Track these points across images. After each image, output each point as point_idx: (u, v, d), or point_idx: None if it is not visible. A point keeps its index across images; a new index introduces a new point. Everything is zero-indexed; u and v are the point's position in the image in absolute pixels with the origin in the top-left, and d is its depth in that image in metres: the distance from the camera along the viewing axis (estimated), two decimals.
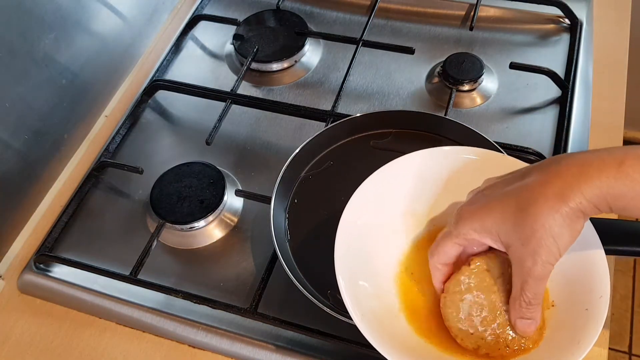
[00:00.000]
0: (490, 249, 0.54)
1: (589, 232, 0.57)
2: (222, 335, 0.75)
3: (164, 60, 1.04)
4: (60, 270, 0.82)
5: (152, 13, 1.10)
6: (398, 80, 0.98)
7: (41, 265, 0.83)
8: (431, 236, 0.64)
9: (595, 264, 0.56)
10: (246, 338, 0.74)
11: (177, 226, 0.83)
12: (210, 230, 0.83)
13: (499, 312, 0.53)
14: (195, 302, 0.75)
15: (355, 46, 0.99)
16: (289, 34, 1.04)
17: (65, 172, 0.94)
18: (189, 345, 0.76)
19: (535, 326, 0.52)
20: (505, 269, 0.54)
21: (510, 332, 0.53)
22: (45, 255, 0.83)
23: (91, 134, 0.99)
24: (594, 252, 0.56)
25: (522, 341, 0.53)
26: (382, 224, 0.65)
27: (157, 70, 1.02)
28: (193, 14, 1.11)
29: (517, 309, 0.51)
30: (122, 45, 1.04)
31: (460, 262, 0.56)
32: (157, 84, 1.00)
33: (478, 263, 0.55)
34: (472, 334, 0.54)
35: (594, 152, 0.46)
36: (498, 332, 0.53)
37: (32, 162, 0.89)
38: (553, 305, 0.57)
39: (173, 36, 1.08)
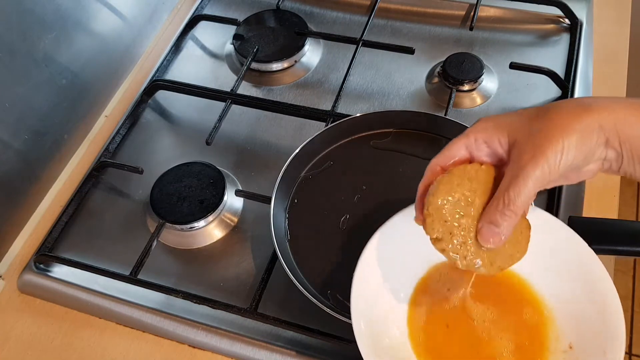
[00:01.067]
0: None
1: (601, 271, 0.56)
2: (222, 335, 0.75)
3: (164, 60, 1.04)
4: (60, 270, 0.82)
5: (152, 13, 1.10)
6: (398, 80, 0.98)
7: (41, 265, 0.83)
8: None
9: (610, 305, 0.56)
10: (246, 338, 0.74)
11: (177, 226, 0.83)
12: (210, 230, 0.83)
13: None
14: (195, 302, 0.75)
15: (355, 46, 0.99)
16: (289, 34, 1.04)
17: (65, 172, 0.94)
18: (189, 345, 0.76)
19: (499, 240, 0.48)
20: None
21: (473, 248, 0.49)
22: (45, 255, 0.83)
23: (91, 134, 0.99)
24: (608, 291, 0.56)
25: (479, 258, 0.50)
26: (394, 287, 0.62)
27: (157, 70, 1.02)
28: (193, 14, 1.11)
29: (492, 210, 0.47)
30: (122, 45, 1.04)
31: None
32: (157, 84, 1.00)
33: (488, 166, 0.50)
34: (445, 222, 0.50)
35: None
36: (467, 235, 0.49)
37: (32, 162, 0.89)
38: (571, 348, 0.55)
39: (173, 36, 1.08)
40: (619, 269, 1.80)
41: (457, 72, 0.93)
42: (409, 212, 0.58)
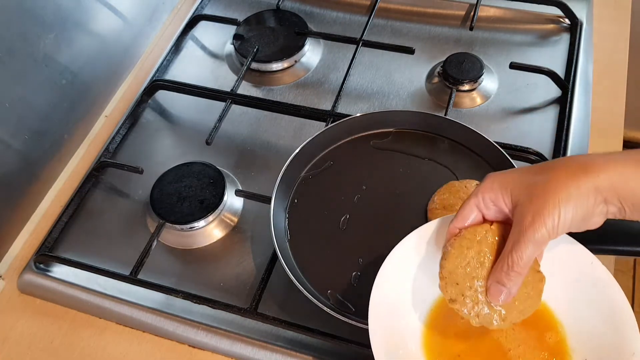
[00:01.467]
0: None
1: (614, 287, 0.57)
2: (222, 335, 0.75)
3: (164, 60, 1.04)
4: (60, 270, 0.82)
5: (152, 13, 1.10)
6: (398, 80, 0.98)
7: (41, 265, 0.83)
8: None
9: (624, 320, 0.56)
10: (246, 338, 0.74)
11: (177, 226, 0.83)
12: (210, 230, 0.83)
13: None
14: (195, 302, 0.75)
15: (355, 46, 0.99)
16: (289, 34, 1.04)
17: (65, 172, 0.94)
18: (189, 346, 0.76)
19: (507, 297, 0.51)
20: None
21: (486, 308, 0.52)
22: (45, 255, 0.83)
23: (91, 134, 0.99)
24: (622, 307, 0.57)
25: (491, 315, 0.52)
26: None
27: (157, 70, 1.02)
28: (193, 14, 1.11)
29: (498, 270, 0.50)
30: (122, 45, 1.04)
31: None
32: (157, 84, 1.00)
33: (497, 226, 0.53)
34: (457, 284, 0.53)
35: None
36: (479, 294, 0.52)
37: (32, 162, 0.89)
38: None
39: (173, 36, 1.08)
40: (619, 269, 1.80)
41: (457, 72, 0.93)
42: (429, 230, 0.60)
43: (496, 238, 0.53)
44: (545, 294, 0.54)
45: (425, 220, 0.76)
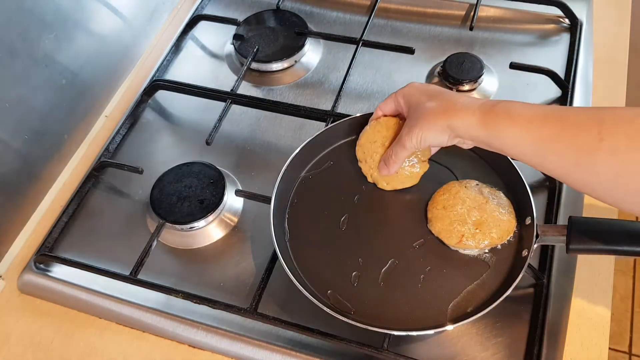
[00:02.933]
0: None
1: None
2: (222, 335, 0.75)
3: (164, 60, 1.04)
4: (60, 270, 0.82)
5: (152, 13, 1.10)
6: (398, 80, 0.98)
7: (41, 265, 0.83)
8: None
9: None
10: (246, 338, 0.74)
11: (177, 226, 0.83)
12: (210, 230, 0.83)
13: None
14: (195, 302, 0.75)
15: (355, 46, 1.00)
16: (289, 34, 1.04)
17: (65, 172, 0.94)
18: (189, 345, 0.76)
19: (387, 173, 0.76)
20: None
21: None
22: (45, 255, 0.83)
23: (91, 134, 0.99)
24: None
25: (382, 181, 0.79)
26: None
27: (157, 70, 1.03)
28: (193, 14, 1.11)
29: (385, 155, 0.75)
30: (122, 45, 1.04)
31: None
32: (157, 84, 1.00)
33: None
34: (364, 152, 0.79)
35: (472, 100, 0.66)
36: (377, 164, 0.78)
37: (32, 162, 0.89)
38: None
39: (173, 36, 1.08)
40: (619, 269, 1.80)
41: (457, 72, 0.93)
42: None
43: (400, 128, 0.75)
44: None
45: (426, 220, 0.76)
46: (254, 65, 1.01)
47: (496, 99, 0.64)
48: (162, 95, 1.01)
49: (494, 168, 0.80)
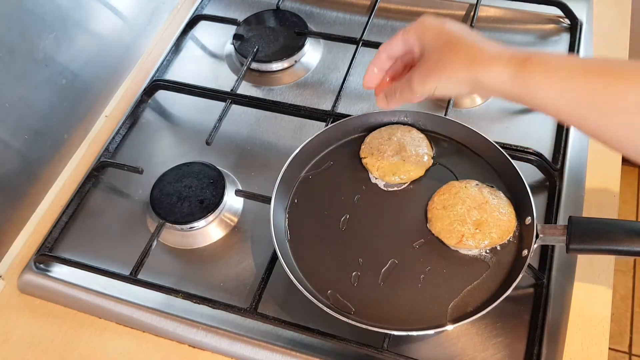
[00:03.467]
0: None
1: None
2: (222, 335, 0.75)
3: (164, 60, 1.04)
4: (60, 270, 0.83)
5: (152, 13, 1.10)
6: None
7: (41, 265, 0.83)
8: None
9: None
10: (246, 338, 0.74)
11: (177, 226, 0.83)
12: (210, 230, 0.83)
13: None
14: (195, 302, 0.75)
15: (355, 46, 0.99)
16: (289, 34, 1.04)
17: (65, 172, 0.94)
18: (189, 345, 0.76)
19: (384, 104, 0.69)
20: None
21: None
22: (45, 255, 0.83)
23: (91, 134, 0.99)
24: None
25: (385, 172, 0.80)
26: None
27: (157, 70, 1.03)
28: (193, 14, 1.11)
29: (392, 90, 0.67)
30: (122, 45, 1.04)
31: (397, 73, 0.70)
32: (157, 84, 1.00)
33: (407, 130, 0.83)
34: (370, 148, 0.82)
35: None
36: (382, 161, 0.80)
37: (32, 162, 0.89)
38: None
39: (173, 36, 1.08)
40: (619, 269, 1.80)
41: None
42: None
43: (404, 138, 0.82)
44: None
45: (426, 220, 0.76)
46: (254, 65, 1.01)
47: (527, 50, 0.57)
48: (162, 95, 1.01)
49: (494, 168, 0.80)
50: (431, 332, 0.70)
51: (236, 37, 1.04)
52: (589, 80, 0.52)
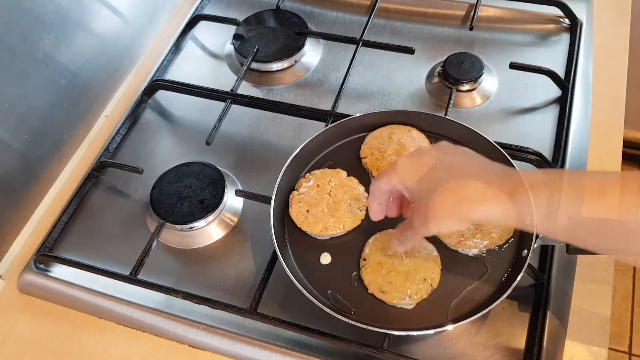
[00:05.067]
0: None
1: None
2: (222, 335, 0.75)
3: (164, 60, 1.04)
4: (60, 270, 0.82)
5: (152, 13, 1.10)
6: (398, 80, 0.98)
7: (41, 265, 0.83)
8: None
9: None
10: (246, 338, 0.74)
11: (177, 226, 0.83)
12: (210, 230, 0.83)
13: None
14: (195, 302, 0.75)
15: (355, 46, 0.99)
16: (289, 34, 1.04)
17: (65, 172, 0.94)
18: (189, 346, 0.76)
19: (402, 248, 0.70)
20: None
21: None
22: (45, 255, 0.83)
23: (91, 134, 0.99)
24: None
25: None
26: None
27: (157, 70, 1.02)
28: (193, 14, 1.11)
29: (396, 238, 0.68)
30: (122, 45, 1.04)
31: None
32: (157, 84, 1.00)
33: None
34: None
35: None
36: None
37: (32, 162, 0.89)
38: None
39: (173, 36, 1.08)
40: (618, 268, 1.80)
41: (457, 72, 0.93)
42: None
43: (404, 138, 0.82)
44: None
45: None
46: (254, 65, 1.01)
47: (507, 174, 0.61)
48: (162, 95, 1.01)
49: None
50: (431, 332, 0.70)
51: (236, 37, 1.04)
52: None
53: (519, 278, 0.67)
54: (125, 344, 0.77)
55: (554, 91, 0.92)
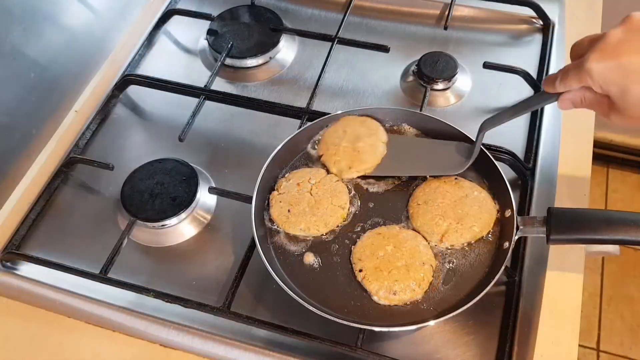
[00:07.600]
0: None
1: None
2: (195, 335, 0.74)
3: (136, 54, 1.03)
4: (27, 269, 0.81)
5: (124, 6, 1.08)
6: (373, 79, 0.98)
7: (8, 264, 0.82)
8: None
9: None
10: (219, 337, 0.73)
11: (148, 224, 0.82)
12: (182, 228, 0.83)
13: None
14: (166, 301, 0.74)
15: (330, 43, 0.99)
16: (263, 30, 1.03)
17: (34, 168, 0.92)
18: (160, 345, 0.75)
19: (552, 88, 0.64)
20: None
21: None
22: (12, 253, 0.81)
23: (60, 129, 0.97)
24: None
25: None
26: None
27: (129, 64, 1.01)
28: (166, 8, 1.09)
29: (563, 70, 0.63)
30: (93, 38, 1.02)
31: None
32: (129, 78, 0.99)
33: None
34: (326, 143, 0.83)
35: None
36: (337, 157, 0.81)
37: None
38: None
39: (145, 30, 1.07)
40: (587, 266, 1.84)
41: (432, 70, 0.93)
42: None
43: (359, 129, 0.82)
44: None
45: (407, 212, 0.77)
46: (228, 61, 1.00)
47: None
48: (133, 91, 1.00)
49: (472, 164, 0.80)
50: (413, 327, 0.70)
51: (210, 32, 1.03)
52: None
53: (501, 271, 0.68)
54: (95, 343, 0.75)
55: (527, 91, 0.93)
